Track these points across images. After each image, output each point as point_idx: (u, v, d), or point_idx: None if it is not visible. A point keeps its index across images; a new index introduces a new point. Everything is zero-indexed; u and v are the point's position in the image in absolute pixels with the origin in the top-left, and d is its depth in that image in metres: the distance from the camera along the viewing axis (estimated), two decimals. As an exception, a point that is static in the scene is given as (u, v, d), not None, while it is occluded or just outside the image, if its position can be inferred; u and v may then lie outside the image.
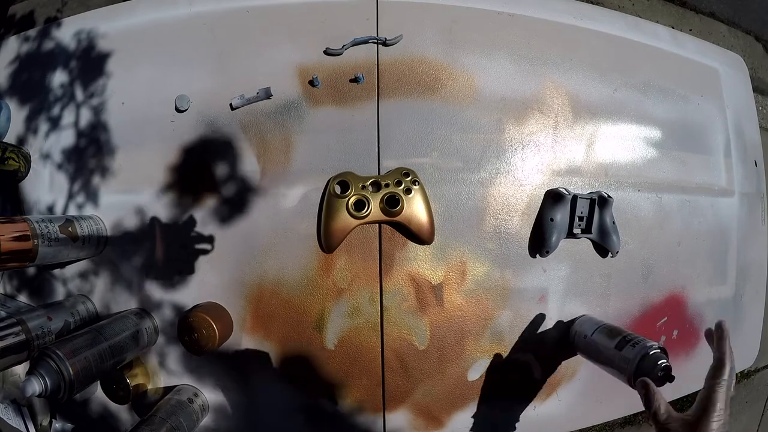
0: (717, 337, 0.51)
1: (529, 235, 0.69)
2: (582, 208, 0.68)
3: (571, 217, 0.68)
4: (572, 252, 0.71)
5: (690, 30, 1.81)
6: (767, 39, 1.97)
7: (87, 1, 1.57)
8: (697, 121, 0.81)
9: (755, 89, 0.94)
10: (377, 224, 0.66)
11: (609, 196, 0.69)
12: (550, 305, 0.70)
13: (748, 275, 0.84)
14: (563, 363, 0.71)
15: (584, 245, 0.71)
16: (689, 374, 0.79)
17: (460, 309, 0.68)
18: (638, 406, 0.77)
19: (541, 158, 0.71)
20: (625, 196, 0.73)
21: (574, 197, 0.68)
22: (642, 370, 0.58)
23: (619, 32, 0.78)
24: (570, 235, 0.69)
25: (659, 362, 0.57)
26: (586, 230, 0.69)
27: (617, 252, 0.71)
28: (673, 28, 0.87)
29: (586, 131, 0.73)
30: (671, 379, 0.57)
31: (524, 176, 0.70)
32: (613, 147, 0.74)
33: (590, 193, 0.70)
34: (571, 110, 0.72)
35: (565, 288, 0.71)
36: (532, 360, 0.70)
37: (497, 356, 0.69)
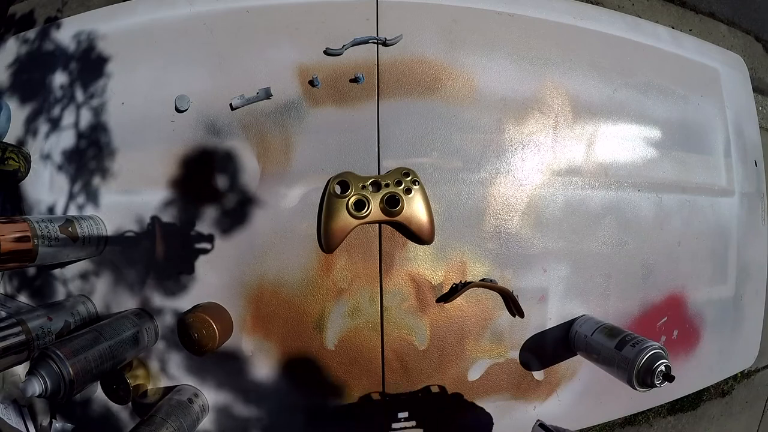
0: None
1: (529, 235, 0.69)
2: None
3: None
4: (572, 252, 0.71)
5: (690, 30, 1.81)
6: (767, 39, 1.97)
7: (87, 1, 1.57)
8: (697, 121, 0.80)
9: (755, 89, 0.94)
10: (377, 224, 0.66)
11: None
12: (550, 305, 0.70)
13: (748, 275, 0.84)
14: (563, 363, 0.71)
15: (584, 245, 0.71)
16: (689, 374, 0.79)
17: (460, 309, 0.68)
18: (638, 406, 0.77)
19: (541, 158, 0.71)
20: (625, 196, 0.73)
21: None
22: (642, 370, 0.58)
23: (619, 32, 0.78)
24: None
25: (659, 362, 0.57)
26: None
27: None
28: (673, 28, 0.87)
29: (586, 131, 0.73)
30: (671, 379, 0.57)
31: (524, 176, 0.70)
32: (613, 147, 0.74)
33: None
34: (571, 110, 0.72)
35: (565, 288, 0.71)
36: (532, 360, 0.70)
37: (497, 356, 0.69)
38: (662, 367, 0.57)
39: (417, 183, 0.64)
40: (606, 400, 0.74)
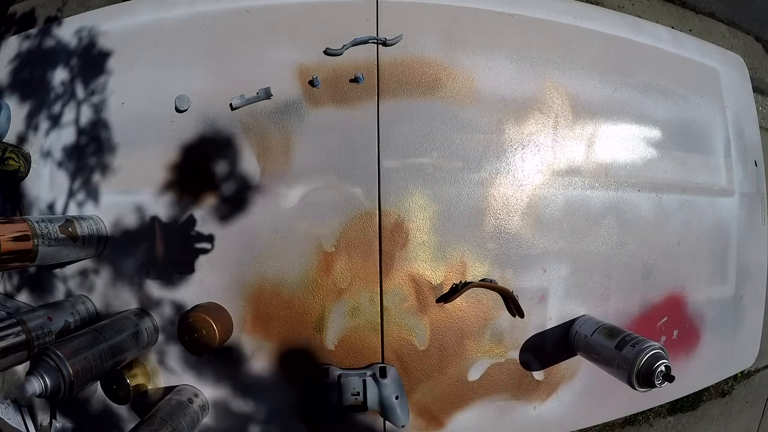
0: None
1: (529, 235, 0.69)
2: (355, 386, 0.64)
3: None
4: (572, 252, 0.71)
5: (690, 30, 1.80)
6: (767, 39, 1.97)
7: (87, 1, 1.57)
8: (697, 121, 0.80)
9: (755, 89, 0.94)
10: (377, 224, 0.66)
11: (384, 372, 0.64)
12: (550, 305, 0.70)
13: (748, 275, 0.84)
14: (563, 363, 0.71)
15: (584, 245, 0.71)
16: (689, 374, 0.79)
17: (460, 309, 0.68)
18: (638, 406, 0.77)
19: (541, 158, 0.71)
20: (625, 196, 0.73)
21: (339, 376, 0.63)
22: (642, 370, 0.58)
23: (619, 32, 0.78)
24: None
25: (659, 362, 0.57)
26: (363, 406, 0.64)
27: (402, 426, 0.65)
28: (673, 28, 0.87)
29: (586, 131, 0.73)
30: (671, 379, 0.57)
31: (524, 176, 0.70)
32: (613, 147, 0.74)
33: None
34: (571, 110, 0.72)
35: (565, 288, 0.71)
36: (532, 360, 0.70)
37: (497, 356, 0.69)
38: (662, 367, 0.57)
39: None
40: (606, 400, 0.74)
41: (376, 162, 0.67)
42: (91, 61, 0.71)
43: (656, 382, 0.57)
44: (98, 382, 0.67)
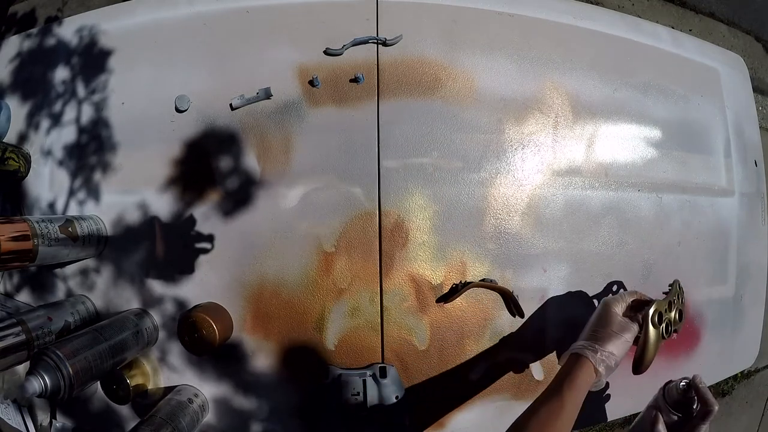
0: (697, 391, 0.55)
1: (529, 235, 0.69)
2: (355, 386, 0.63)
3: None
4: (572, 252, 0.71)
5: (690, 30, 1.80)
6: (767, 39, 1.97)
7: (87, 0, 1.57)
8: (697, 121, 0.80)
9: (755, 89, 0.94)
10: (377, 224, 0.66)
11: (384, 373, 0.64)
12: (551, 305, 0.70)
13: (748, 275, 0.84)
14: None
15: (584, 245, 0.71)
16: (689, 375, 0.79)
17: (460, 309, 0.68)
18: (638, 406, 0.77)
19: (541, 158, 0.71)
20: (625, 196, 0.73)
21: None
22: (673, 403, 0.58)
23: (619, 32, 0.78)
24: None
25: (678, 384, 0.57)
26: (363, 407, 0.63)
27: (402, 426, 0.65)
28: (673, 28, 0.87)
29: (586, 131, 0.73)
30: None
31: (524, 176, 0.70)
32: (613, 147, 0.74)
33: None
34: (571, 110, 0.72)
35: (565, 288, 0.71)
36: (532, 360, 0.70)
37: (497, 356, 0.69)
38: (682, 383, 0.57)
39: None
40: (606, 400, 0.74)
41: (376, 162, 0.67)
42: (91, 61, 0.71)
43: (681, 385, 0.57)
44: (98, 382, 0.67)
